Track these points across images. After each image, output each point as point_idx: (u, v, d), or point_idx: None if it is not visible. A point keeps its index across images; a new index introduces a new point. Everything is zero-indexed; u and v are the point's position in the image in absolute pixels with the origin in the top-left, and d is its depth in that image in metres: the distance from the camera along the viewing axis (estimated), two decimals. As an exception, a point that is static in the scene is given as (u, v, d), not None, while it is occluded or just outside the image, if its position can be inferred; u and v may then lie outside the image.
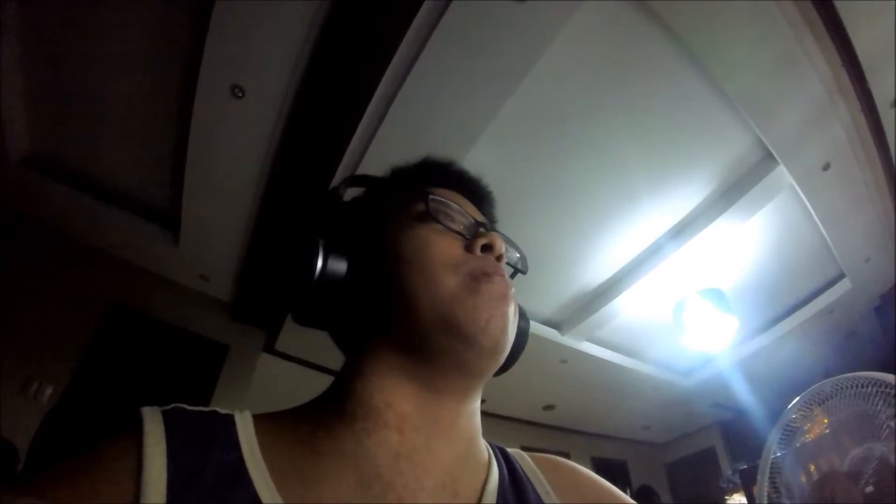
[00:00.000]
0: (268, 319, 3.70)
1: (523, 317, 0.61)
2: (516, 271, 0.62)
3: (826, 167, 2.55)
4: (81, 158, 2.83)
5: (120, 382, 2.97)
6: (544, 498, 0.53)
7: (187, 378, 3.40)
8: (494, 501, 0.48)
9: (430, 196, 0.54)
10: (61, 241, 3.19)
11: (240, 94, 2.24)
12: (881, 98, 2.31)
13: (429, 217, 0.53)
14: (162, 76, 2.35)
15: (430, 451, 0.47)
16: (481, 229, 0.56)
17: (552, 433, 5.57)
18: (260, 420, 0.47)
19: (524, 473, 0.55)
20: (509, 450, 0.59)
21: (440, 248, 0.51)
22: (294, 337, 3.73)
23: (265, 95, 2.27)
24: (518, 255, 0.63)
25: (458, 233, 0.54)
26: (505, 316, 0.50)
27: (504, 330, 0.49)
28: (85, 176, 2.91)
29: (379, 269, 0.52)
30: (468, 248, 0.53)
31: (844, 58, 2.11)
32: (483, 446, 0.55)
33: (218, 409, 0.47)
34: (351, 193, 0.65)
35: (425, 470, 0.45)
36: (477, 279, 0.49)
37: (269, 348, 3.89)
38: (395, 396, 0.48)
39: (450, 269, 0.50)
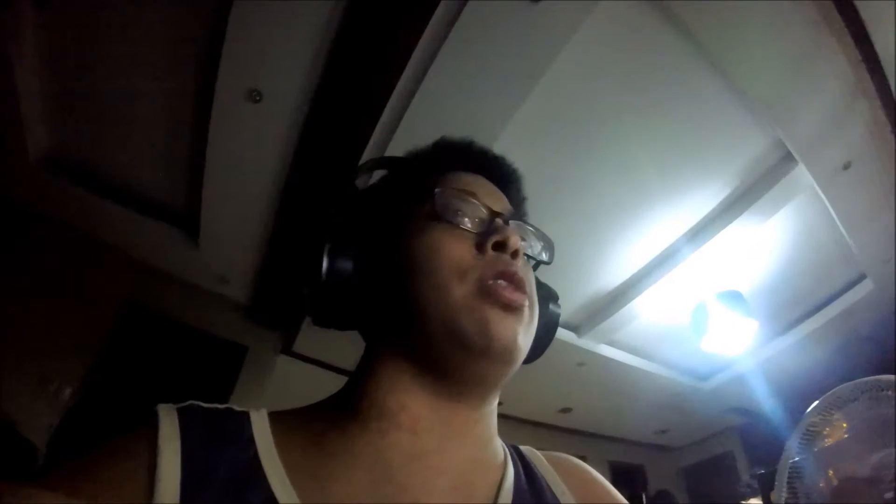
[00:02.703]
0: (286, 321, 3.73)
1: (554, 300, 0.60)
2: (538, 263, 0.59)
3: (847, 166, 2.52)
4: (100, 159, 2.88)
5: (138, 383, 3.02)
6: (561, 498, 0.52)
7: (205, 379, 3.43)
8: (510, 501, 0.47)
9: (438, 191, 0.52)
10: (81, 241, 3.25)
11: (257, 98, 2.27)
12: (902, 96, 2.28)
13: (438, 215, 0.51)
14: (180, 79, 2.38)
15: (443, 453, 0.47)
16: (497, 220, 0.53)
17: (568, 436, 5.54)
18: (275, 418, 0.47)
19: (540, 473, 0.54)
20: (522, 448, 0.59)
21: (450, 252, 0.49)
22: (312, 339, 3.75)
23: (282, 98, 2.30)
24: (542, 244, 0.59)
25: (470, 230, 0.51)
26: (516, 324, 0.48)
27: (514, 339, 0.47)
28: (103, 177, 2.96)
29: (389, 273, 0.51)
30: (480, 246, 0.50)
31: (864, 56, 2.07)
32: (499, 446, 0.54)
33: (233, 406, 0.47)
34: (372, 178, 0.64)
35: (437, 472, 0.45)
36: (486, 286, 0.47)
37: (287, 350, 3.92)
38: (408, 399, 0.47)
39: (459, 276, 0.47)
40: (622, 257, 3.28)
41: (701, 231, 3.05)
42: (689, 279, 3.33)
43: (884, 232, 2.96)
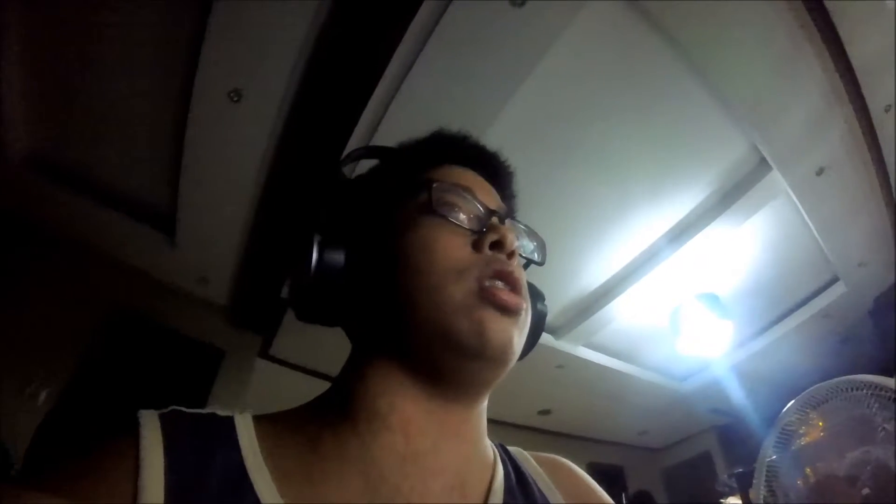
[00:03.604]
0: (265, 324, 3.69)
1: (541, 300, 0.59)
2: (529, 263, 0.58)
3: (820, 172, 2.56)
4: (80, 160, 2.82)
5: (116, 385, 2.95)
6: (549, 497, 0.52)
7: (183, 382, 3.37)
8: (501, 501, 0.47)
9: (435, 185, 0.50)
10: (58, 242, 3.17)
11: (236, 99, 2.24)
12: (875, 103, 2.33)
13: (433, 210, 0.49)
14: (161, 79, 2.34)
15: (438, 454, 0.46)
16: (494, 219, 0.51)
17: (548, 438, 5.54)
18: (261, 422, 0.46)
19: (528, 473, 0.54)
20: (511, 448, 0.58)
21: (445, 250, 0.47)
22: (290, 342, 3.71)
23: (263, 99, 2.27)
24: (534, 244, 0.59)
25: (466, 227, 0.49)
26: (512, 327, 0.47)
27: (511, 342, 0.46)
28: (83, 178, 2.89)
29: (380, 268, 0.50)
30: (476, 245, 0.49)
31: (839, 64, 2.12)
32: (488, 445, 0.54)
33: (217, 410, 0.46)
34: (363, 166, 0.61)
35: (433, 473, 0.44)
36: (484, 288, 0.46)
37: (265, 353, 3.87)
38: (399, 400, 0.46)
39: (455, 276, 0.46)
40: (601, 259, 3.30)
41: (679, 234, 3.08)
42: (667, 282, 3.36)
43: (857, 236, 3.03)
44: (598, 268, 3.37)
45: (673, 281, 3.36)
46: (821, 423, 1.21)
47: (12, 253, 2.99)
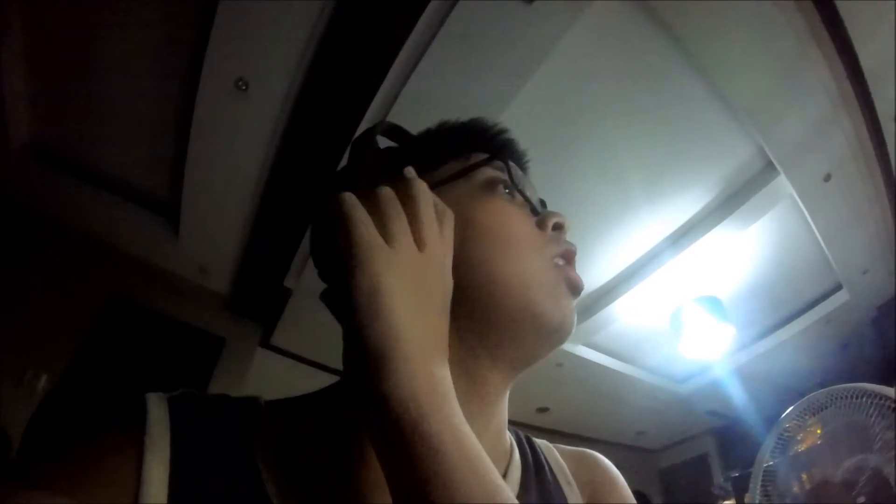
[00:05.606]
0: (266, 313, 3.69)
1: None
2: None
3: (827, 178, 2.55)
4: (83, 149, 2.83)
5: (115, 373, 2.97)
6: (568, 493, 0.51)
7: (183, 370, 3.39)
8: (516, 493, 0.46)
9: (511, 162, 0.49)
10: (60, 230, 3.18)
11: (243, 88, 2.23)
12: (884, 110, 2.31)
13: (501, 187, 0.48)
14: (165, 68, 2.34)
15: None
16: (546, 206, 0.51)
17: (545, 436, 5.43)
18: (273, 409, 0.45)
19: (551, 467, 0.53)
20: (537, 441, 0.58)
21: (521, 225, 0.46)
22: (290, 332, 3.72)
23: (269, 89, 2.27)
24: None
25: (532, 209, 0.49)
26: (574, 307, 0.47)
27: (574, 322, 0.47)
28: (86, 166, 2.90)
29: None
30: (540, 225, 0.48)
31: (848, 69, 2.10)
32: (508, 438, 0.52)
33: (228, 394, 0.45)
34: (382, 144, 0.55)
35: None
36: (559, 266, 0.46)
37: (265, 343, 3.88)
38: None
39: (534, 251, 0.45)
40: (603, 260, 3.29)
41: (682, 236, 3.07)
42: (669, 284, 3.35)
43: (861, 244, 3.02)
44: (600, 268, 3.36)
45: (675, 283, 3.35)
46: (819, 430, 1.21)
47: (13, 241, 3.00)
